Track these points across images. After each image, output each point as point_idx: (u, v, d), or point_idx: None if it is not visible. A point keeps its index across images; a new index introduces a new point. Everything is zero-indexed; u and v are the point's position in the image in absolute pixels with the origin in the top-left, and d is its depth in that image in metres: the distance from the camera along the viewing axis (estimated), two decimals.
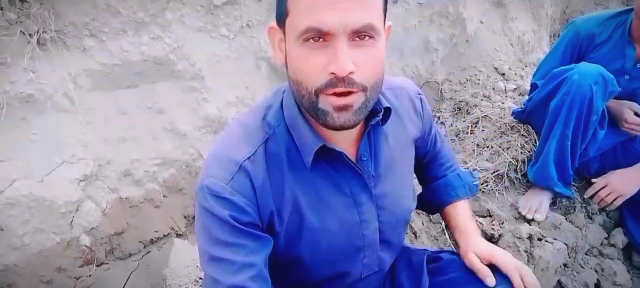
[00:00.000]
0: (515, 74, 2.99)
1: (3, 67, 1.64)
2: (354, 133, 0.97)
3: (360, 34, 0.80)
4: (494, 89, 2.86)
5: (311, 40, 0.80)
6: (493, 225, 1.99)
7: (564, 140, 2.03)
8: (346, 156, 0.95)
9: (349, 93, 0.82)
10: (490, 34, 3.08)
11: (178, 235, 1.91)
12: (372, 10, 0.81)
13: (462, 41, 2.94)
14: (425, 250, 1.30)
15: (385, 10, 0.88)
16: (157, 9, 1.94)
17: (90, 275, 1.72)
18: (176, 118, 1.95)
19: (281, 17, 0.86)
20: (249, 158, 0.91)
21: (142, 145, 1.84)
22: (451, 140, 2.59)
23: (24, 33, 1.68)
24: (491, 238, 1.97)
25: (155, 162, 1.86)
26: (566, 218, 2.17)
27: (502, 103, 2.71)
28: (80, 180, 1.69)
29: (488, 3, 3.10)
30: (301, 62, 0.82)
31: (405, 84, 1.16)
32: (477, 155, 2.33)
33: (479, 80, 2.86)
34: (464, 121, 2.64)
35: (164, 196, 1.91)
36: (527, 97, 2.44)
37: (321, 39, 0.80)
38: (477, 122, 2.62)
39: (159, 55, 1.95)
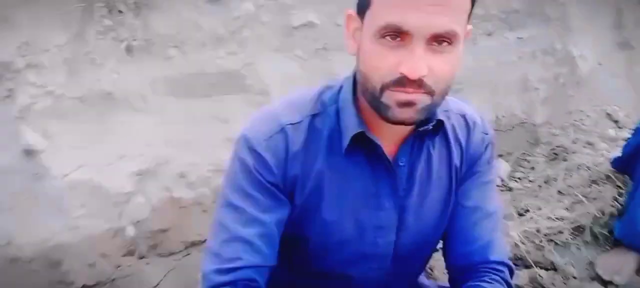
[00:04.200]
0: (633, 122, 2.61)
1: (93, 66, 1.89)
2: (398, 135, 0.93)
3: (439, 39, 0.77)
4: (600, 136, 2.53)
5: (388, 38, 0.78)
6: (554, 280, 1.76)
7: None
8: (383, 151, 0.91)
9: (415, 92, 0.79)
10: (609, 77, 2.74)
11: None
12: (457, 16, 0.77)
13: (572, 82, 2.66)
14: (436, 284, 1.20)
15: (470, 13, 0.83)
16: (236, 27, 2.08)
17: (130, 266, 1.85)
18: (238, 129, 2.03)
19: (362, 8, 0.84)
20: (292, 124, 0.91)
21: (201, 150, 1.96)
22: (538, 185, 2.35)
23: (115, 39, 1.92)
24: None
25: (210, 168, 1.97)
26: None
27: (607, 152, 2.38)
28: (137, 174, 1.85)
29: (610, 43, 2.77)
30: (373, 58, 0.80)
31: (478, 119, 1.05)
32: (556, 202, 2.08)
33: (585, 125, 2.56)
34: (556, 168, 2.38)
35: (213, 202, 2.02)
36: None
37: (398, 38, 0.77)
38: (572, 171, 2.34)
39: (232, 69, 2.08)
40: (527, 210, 2.18)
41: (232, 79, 2.09)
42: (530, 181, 2.48)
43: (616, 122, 2.64)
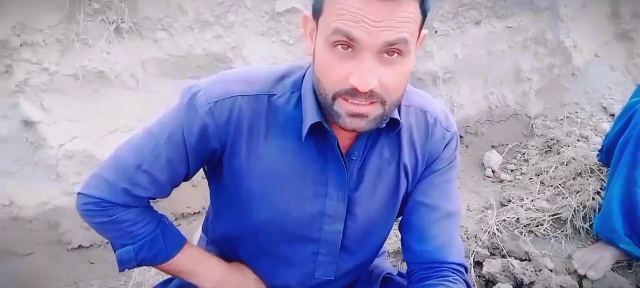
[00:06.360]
0: None
1: (85, 47, 2.00)
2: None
3: (389, 50, 0.78)
4: (595, 130, 2.48)
5: (340, 47, 0.79)
6: (527, 270, 1.73)
7: (631, 185, 1.69)
8: (339, 144, 0.93)
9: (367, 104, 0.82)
10: (608, 70, 2.69)
11: None
12: (407, 26, 0.77)
13: (567, 74, 2.62)
14: (392, 268, 1.21)
15: (424, 20, 0.83)
16: (221, 11, 2.15)
17: None
18: None
19: (316, 13, 0.85)
20: (247, 96, 0.92)
21: None
22: (529, 178, 2.32)
23: (104, 21, 2.03)
24: (521, 285, 1.72)
25: None
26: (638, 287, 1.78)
27: (601, 146, 2.34)
28: None
29: (609, 34, 2.72)
30: (325, 67, 0.82)
31: (441, 115, 1.03)
32: (539, 194, 2.05)
33: (579, 118, 2.51)
34: (549, 161, 2.35)
35: (202, 178, 2.09)
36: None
37: (350, 49, 0.79)
38: (565, 164, 2.31)
39: (219, 52, 2.16)
40: (510, 201, 2.17)
41: (219, 62, 2.17)
42: (522, 174, 2.46)
43: (612, 115, 2.58)
